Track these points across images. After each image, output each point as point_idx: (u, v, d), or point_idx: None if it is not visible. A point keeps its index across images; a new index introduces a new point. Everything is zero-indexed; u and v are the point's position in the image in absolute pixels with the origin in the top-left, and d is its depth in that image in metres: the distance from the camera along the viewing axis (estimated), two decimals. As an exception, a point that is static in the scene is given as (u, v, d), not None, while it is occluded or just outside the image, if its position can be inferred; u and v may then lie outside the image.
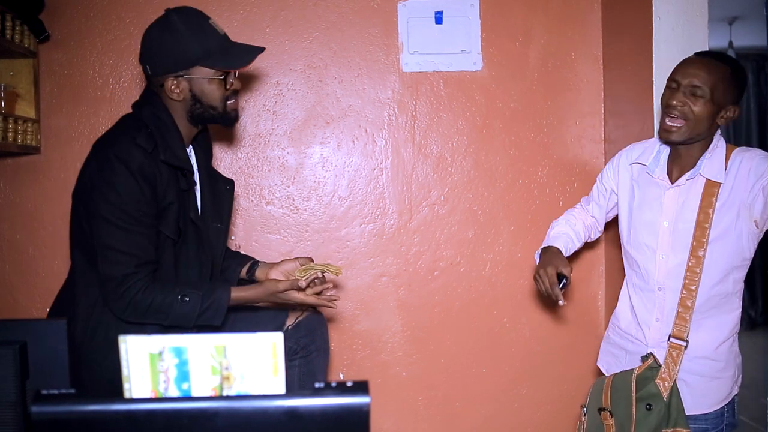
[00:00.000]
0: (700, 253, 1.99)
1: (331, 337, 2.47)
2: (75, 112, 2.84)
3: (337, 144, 2.96)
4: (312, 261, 2.31)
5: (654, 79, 2.53)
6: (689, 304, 2.00)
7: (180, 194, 2.07)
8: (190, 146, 2.22)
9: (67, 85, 2.86)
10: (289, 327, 2.28)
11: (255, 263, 2.40)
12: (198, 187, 2.22)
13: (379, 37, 2.95)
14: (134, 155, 1.97)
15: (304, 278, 2.15)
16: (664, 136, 2.03)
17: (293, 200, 2.95)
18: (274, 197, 2.94)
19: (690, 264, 2.01)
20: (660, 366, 2.01)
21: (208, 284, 2.12)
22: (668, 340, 2.03)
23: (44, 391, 0.98)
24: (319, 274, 2.20)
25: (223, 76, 2.09)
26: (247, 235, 2.91)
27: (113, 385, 1.06)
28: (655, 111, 2.53)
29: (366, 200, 2.97)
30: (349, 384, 1.00)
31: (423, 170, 2.98)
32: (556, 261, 2.12)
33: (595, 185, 2.39)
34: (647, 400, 1.99)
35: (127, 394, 1.00)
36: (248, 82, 2.91)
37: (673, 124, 1.99)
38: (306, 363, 2.28)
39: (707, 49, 2.11)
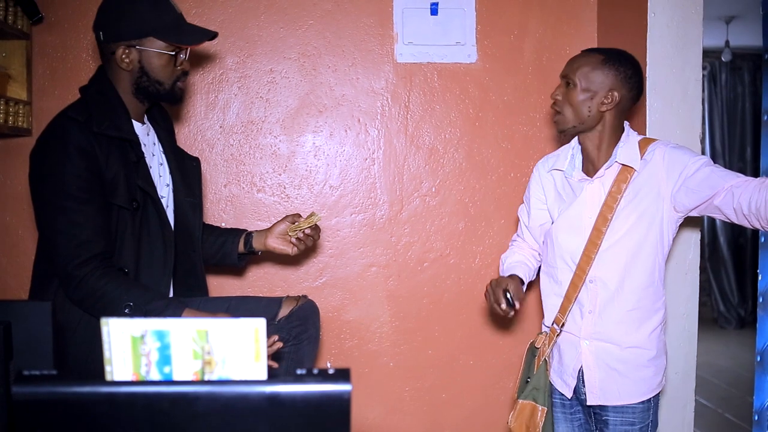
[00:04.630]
0: (598, 240, 2.09)
1: (320, 327, 2.48)
2: (67, 95, 2.82)
3: (330, 133, 2.96)
4: (300, 216, 2.39)
5: (647, 74, 2.54)
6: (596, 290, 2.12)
7: (128, 165, 2.06)
8: (147, 123, 2.23)
9: (59, 68, 2.84)
10: (282, 319, 2.28)
11: (249, 234, 2.44)
12: (158, 161, 2.24)
13: (374, 27, 2.95)
14: (66, 128, 1.98)
15: (293, 236, 2.33)
16: (555, 127, 2.19)
17: (284, 188, 2.95)
18: (265, 185, 2.94)
19: (587, 249, 2.10)
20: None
21: (162, 302, 2.02)
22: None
23: (26, 372, 0.98)
24: (307, 231, 2.33)
25: (173, 53, 2.11)
26: (237, 221, 2.91)
27: (93, 368, 1.06)
28: (647, 106, 2.54)
29: (357, 190, 2.97)
30: (330, 371, 1.01)
31: (415, 161, 2.98)
32: (503, 280, 2.19)
33: (521, 217, 2.40)
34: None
35: (108, 377, 1.00)
36: (240, 68, 2.91)
37: (556, 117, 2.15)
38: (296, 351, 2.28)
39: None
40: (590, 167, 2.15)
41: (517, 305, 2.10)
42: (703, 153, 2.47)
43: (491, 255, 3.03)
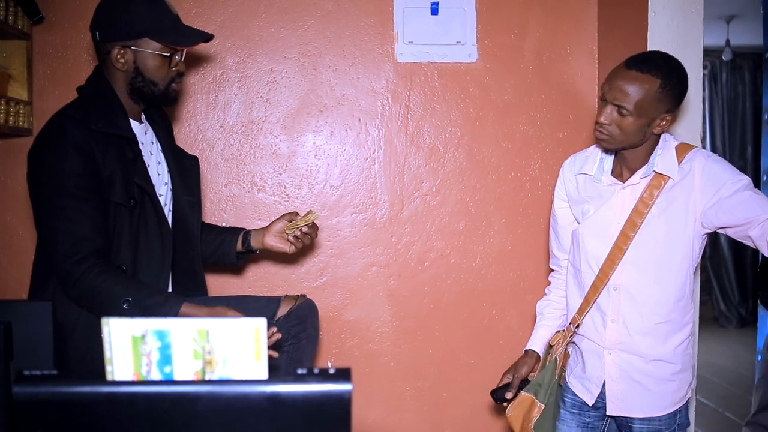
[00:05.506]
0: (624, 246, 2.02)
1: (320, 326, 2.47)
2: (68, 95, 2.78)
3: (330, 133, 2.96)
4: (297, 214, 2.38)
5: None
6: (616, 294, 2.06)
7: (125, 163, 2.06)
8: (145, 122, 2.24)
9: (60, 68, 2.84)
10: (281, 318, 2.28)
11: (247, 233, 2.44)
12: (156, 160, 2.24)
13: (375, 26, 2.95)
14: (63, 126, 1.99)
15: (290, 234, 2.32)
16: (599, 145, 2.07)
17: (285, 188, 2.95)
18: (265, 184, 2.94)
19: (611, 253, 2.03)
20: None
21: (160, 297, 2.02)
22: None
23: (26, 372, 0.98)
24: (305, 229, 2.32)
25: (168, 54, 2.11)
26: (237, 221, 2.91)
27: (92, 367, 1.06)
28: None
29: (358, 190, 2.97)
30: (331, 371, 1.00)
31: (415, 161, 2.98)
32: (514, 367, 2.31)
33: (552, 237, 2.33)
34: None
35: (109, 377, 1.00)
36: (241, 68, 2.91)
37: (602, 138, 1.98)
38: (295, 350, 2.28)
39: (654, 51, 2.06)
40: (624, 171, 2.06)
41: (508, 397, 2.25)
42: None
43: (492, 254, 3.03)
